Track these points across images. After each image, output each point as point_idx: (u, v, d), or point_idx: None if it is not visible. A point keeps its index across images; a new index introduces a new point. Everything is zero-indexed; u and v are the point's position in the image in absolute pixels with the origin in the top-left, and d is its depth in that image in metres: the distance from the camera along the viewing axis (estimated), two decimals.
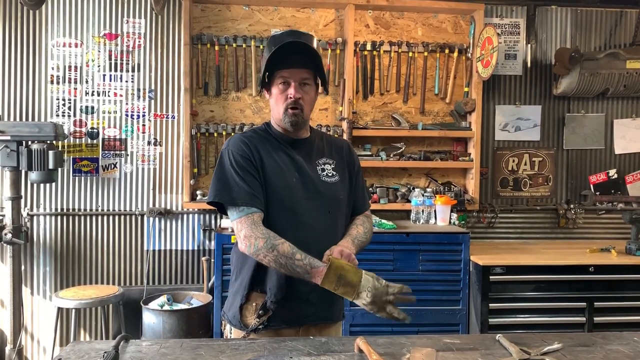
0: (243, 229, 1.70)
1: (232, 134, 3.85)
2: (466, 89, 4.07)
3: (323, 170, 1.89)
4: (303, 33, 1.85)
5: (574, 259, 3.49)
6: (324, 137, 2.03)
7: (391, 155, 3.96)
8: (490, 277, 3.37)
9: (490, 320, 3.37)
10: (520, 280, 3.40)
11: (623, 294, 3.43)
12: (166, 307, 3.48)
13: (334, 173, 1.90)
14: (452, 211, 3.78)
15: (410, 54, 4.04)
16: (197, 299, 3.66)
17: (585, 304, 3.41)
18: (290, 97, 1.78)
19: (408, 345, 1.49)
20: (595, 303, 3.41)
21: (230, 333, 1.83)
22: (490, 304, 3.37)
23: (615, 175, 4.22)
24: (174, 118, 3.94)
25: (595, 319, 3.40)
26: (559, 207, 4.18)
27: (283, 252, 1.64)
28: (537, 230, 4.21)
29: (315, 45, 1.82)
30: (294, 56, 1.77)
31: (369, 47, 3.99)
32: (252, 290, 1.79)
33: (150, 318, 3.41)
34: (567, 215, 4.15)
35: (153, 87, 3.92)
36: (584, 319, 3.41)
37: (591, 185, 4.21)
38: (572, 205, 4.17)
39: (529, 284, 3.42)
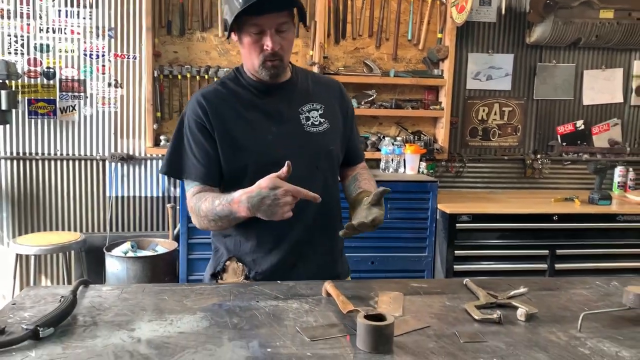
0: (189, 204, 1.58)
1: (197, 76, 3.71)
2: (440, 35, 3.98)
3: (308, 119, 1.63)
4: None
5: (539, 208, 3.55)
6: (309, 76, 1.74)
7: (362, 103, 3.88)
8: (457, 225, 3.40)
9: (455, 266, 3.43)
10: (485, 228, 3.45)
11: (584, 242, 3.53)
12: (130, 254, 3.42)
13: (322, 120, 1.64)
14: (421, 160, 3.77)
15: None
16: (163, 246, 3.61)
17: (547, 251, 3.49)
18: (267, 49, 1.50)
19: (376, 289, 1.48)
20: (557, 250, 3.49)
21: None
22: (455, 251, 3.42)
23: (582, 127, 4.26)
24: (135, 59, 3.75)
25: (556, 266, 3.49)
26: (526, 157, 4.21)
27: (207, 209, 1.49)
28: (504, 180, 4.25)
29: None
30: None
31: None
32: (230, 259, 1.66)
33: (113, 265, 3.35)
34: (533, 166, 4.20)
35: (113, 25, 3.70)
36: (546, 266, 3.50)
37: (558, 136, 4.25)
38: (539, 156, 4.21)
39: (494, 232, 3.47)
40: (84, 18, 3.67)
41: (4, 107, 3.28)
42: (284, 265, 1.62)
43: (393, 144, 3.76)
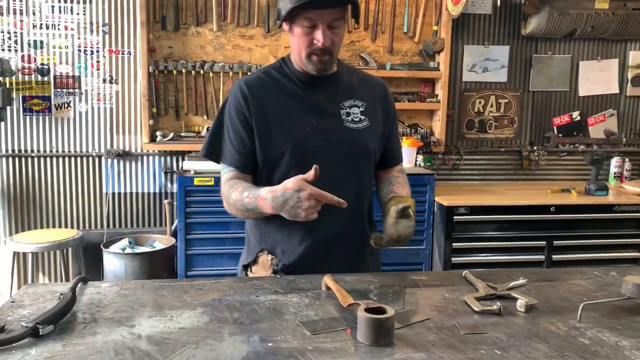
0: (222, 188, 1.60)
1: (192, 71, 3.69)
2: (435, 28, 3.97)
3: (348, 114, 1.62)
4: None
5: (536, 199, 3.55)
6: (355, 73, 1.74)
7: None
8: (454, 217, 3.40)
9: (452, 259, 3.43)
10: (483, 220, 3.45)
11: (581, 233, 3.54)
12: (128, 250, 3.41)
13: (362, 118, 1.63)
14: (418, 153, 3.78)
15: None
16: (160, 242, 3.60)
17: (545, 242, 3.50)
18: (317, 44, 1.49)
19: (375, 282, 1.48)
20: (554, 242, 3.50)
21: None
22: (453, 244, 3.43)
23: (578, 118, 4.26)
24: (130, 54, 3.72)
25: (553, 257, 3.50)
26: (522, 149, 4.22)
27: (236, 199, 1.52)
28: (501, 172, 4.26)
29: None
30: None
31: None
32: (261, 250, 1.66)
33: (111, 261, 3.34)
34: (530, 157, 4.20)
35: (107, 21, 3.68)
36: (543, 257, 3.51)
37: (554, 127, 4.25)
38: (535, 147, 4.21)
39: (491, 224, 3.47)
40: (78, 14, 3.64)
41: None
42: (313, 260, 1.61)
43: None
